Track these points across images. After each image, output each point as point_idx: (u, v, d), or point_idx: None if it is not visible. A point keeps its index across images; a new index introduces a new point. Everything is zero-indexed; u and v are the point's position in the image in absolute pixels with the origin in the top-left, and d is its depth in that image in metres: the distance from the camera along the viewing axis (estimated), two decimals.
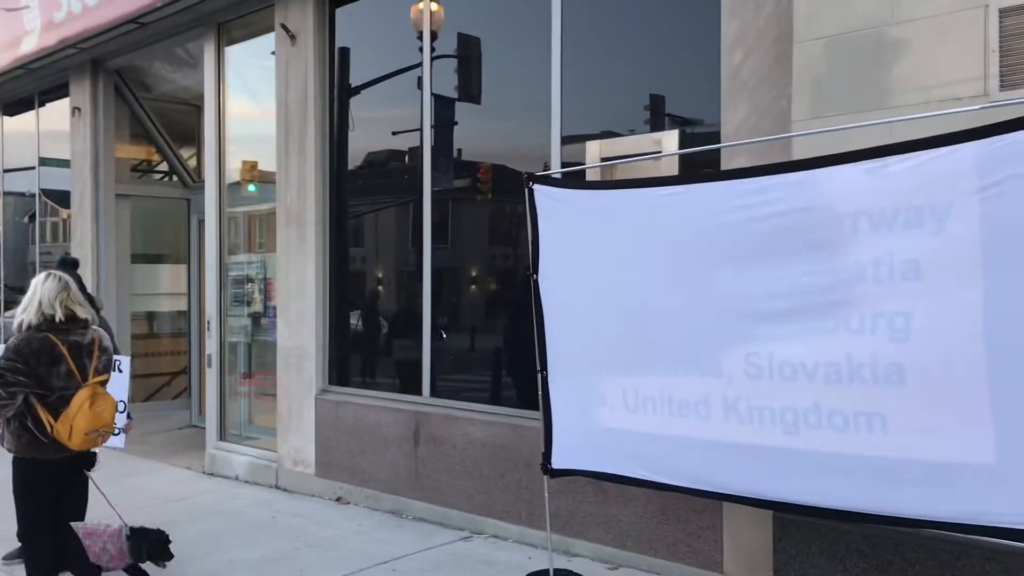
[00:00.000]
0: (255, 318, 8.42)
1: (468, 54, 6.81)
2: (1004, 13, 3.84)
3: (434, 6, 6.86)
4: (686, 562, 5.14)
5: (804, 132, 4.30)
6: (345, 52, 7.62)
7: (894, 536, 4.08)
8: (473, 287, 6.92)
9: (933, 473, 3.52)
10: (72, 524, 4.63)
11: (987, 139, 3.30)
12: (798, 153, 4.38)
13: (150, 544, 4.69)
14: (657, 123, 5.69)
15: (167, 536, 4.77)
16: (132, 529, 4.69)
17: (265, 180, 8.36)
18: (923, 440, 3.53)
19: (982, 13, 3.90)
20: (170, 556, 4.76)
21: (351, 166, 7.66)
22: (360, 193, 7.79)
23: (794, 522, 4.42)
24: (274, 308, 7.94)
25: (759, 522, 4.73)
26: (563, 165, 5.88)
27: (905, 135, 3.60)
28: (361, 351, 7.70)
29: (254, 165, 8.60)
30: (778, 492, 3.99)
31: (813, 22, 4.42)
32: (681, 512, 5.14)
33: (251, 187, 8.64)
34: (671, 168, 5.42)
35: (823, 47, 4.38)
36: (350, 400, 7.26)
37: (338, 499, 7.19)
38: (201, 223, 9.78)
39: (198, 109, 9.91)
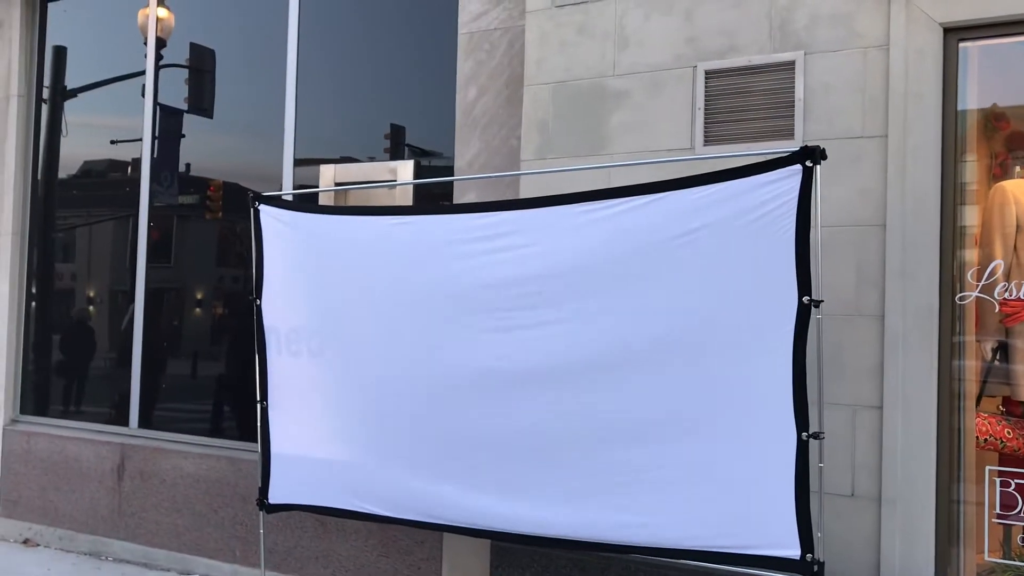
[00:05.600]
0: None
1: (201, 66, 6.51)
2: (709, 75, 4.21)
3: (162, 12, 6.48)
4: None
5: (532, 171, 4.47)
6: (61, 51, 6.99)
7: (601, 561, 4.26)
8: (196, 310, 6.52)
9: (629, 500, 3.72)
10: None
11: (690, 189, 3.57)
12: (526, 191, 4.54)
13: None
14: (396, 152, 5.66)
15: None
16: None
17: None
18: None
19: (691, 73, 4.25)
20: None
21: (63, 174, 7.01)
22: (73, 204, 7.10)
23: (510, 549, 4.50)
24: None
25: (478, 550, 4.77)
26: (296, 187, 5.72)
27: (623, 180, 3.83)
28: (64, 378, 6.98)
29: None
30: (493, 522, 4.05)
31: (542, 67, 4.61)
32: (402, 544, 5.08)
33: None
34: (405, 197, 5.42)
35: (550, 92, 4.57)
36: (45, 431, 6.56)
37: (25, 541, 6.43)
38: None
39: None
